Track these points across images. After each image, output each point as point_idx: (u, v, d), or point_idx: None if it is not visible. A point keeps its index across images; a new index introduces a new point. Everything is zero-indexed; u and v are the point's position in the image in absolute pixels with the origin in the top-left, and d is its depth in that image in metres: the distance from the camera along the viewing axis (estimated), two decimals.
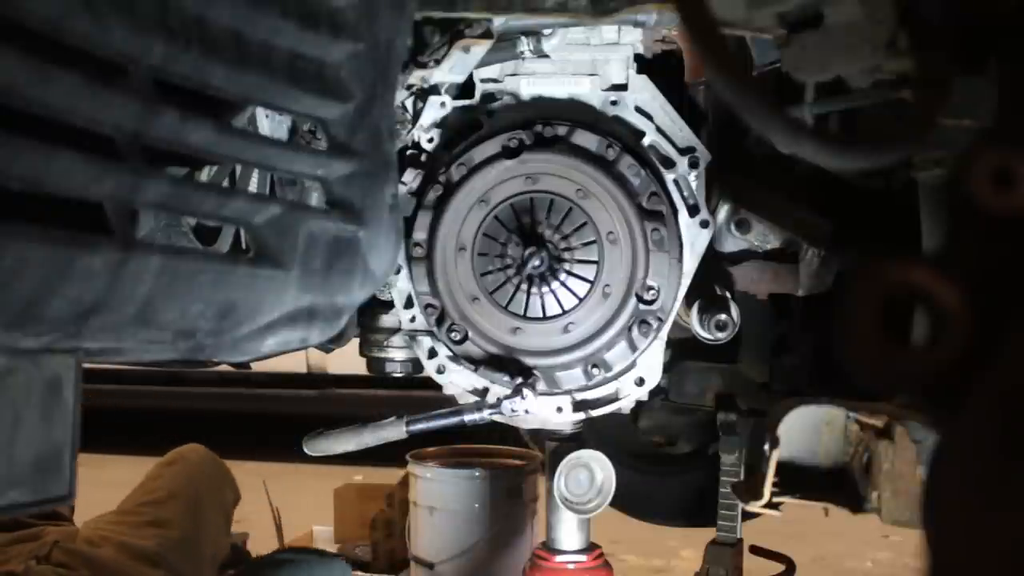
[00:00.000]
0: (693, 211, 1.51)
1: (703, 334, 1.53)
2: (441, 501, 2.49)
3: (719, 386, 1.82)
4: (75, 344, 0.77)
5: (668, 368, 1.75)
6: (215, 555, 2.32)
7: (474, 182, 1.47)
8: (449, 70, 1.49)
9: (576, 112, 1.52)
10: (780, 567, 1.89)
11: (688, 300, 1.54)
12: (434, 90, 1.54)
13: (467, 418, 1.39)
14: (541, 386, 1.48)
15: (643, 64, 1.55)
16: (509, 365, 1.48)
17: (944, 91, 0.79)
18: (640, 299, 1.45)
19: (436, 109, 1.55)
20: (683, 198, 1.51)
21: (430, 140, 1.56)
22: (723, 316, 1.51)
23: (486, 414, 1.38)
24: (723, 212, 1.57)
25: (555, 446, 1.62)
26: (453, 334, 1.49)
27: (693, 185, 1.51)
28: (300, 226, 0.98)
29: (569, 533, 1.71)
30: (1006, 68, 0.67)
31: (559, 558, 1.70)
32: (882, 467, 1.19)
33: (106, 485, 2.48)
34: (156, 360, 0.94)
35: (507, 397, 1.37)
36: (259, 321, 0.97)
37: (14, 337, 0.71)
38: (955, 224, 0.52)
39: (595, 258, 1.45)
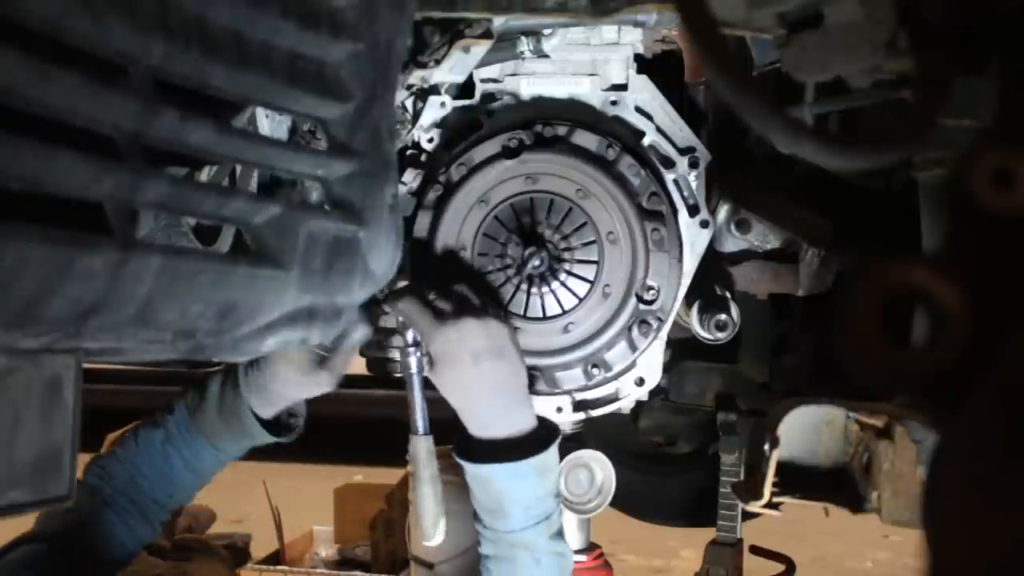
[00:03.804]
0: (693, 211, 1.51)
1: (703, 334, 1.53)
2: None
3: (719, 386, 1.83)
4: (75, 344, 0.77)
5: (668, 368, 1.75)
6: None
7: (474, 182, 1.47)
8: (449, 70, 1.48)
9: (576, 112, 1.52)
10: (780, 567, 1.89)
11: (688, 300, 1.54)
12: (434, 90, 1.54)
13: None
14: (541, 386, 1.48)
15: (643, 64, 1.55)
16: None
17: (944, 91, 0.79)
18: (640, 299, 1.45)
19: (436, 109, 1.55)
20: (683, 198, 1.51)
21: (430, 140, 1.56)
22: (723, 316, 1.51)
23: None
24: (723, 212, 1.57)
25: None
26: None
27: (693, 185, 1.51)
28: (300, 226, 0.98)
29: (569, 533, 1.71)
30: (1007, 68, 0.67)
31: None
32: (882, 467, 1.20)
33: None
34: (156, 360, 0.94)
35: None
36: (259, 321, 0.97)
37: (14, 337, 0.71)
38: (955, 224, 0.52)
39: (595, 258, 1.45)
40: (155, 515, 1.43)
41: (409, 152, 1.55)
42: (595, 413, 1.53)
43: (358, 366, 1.72)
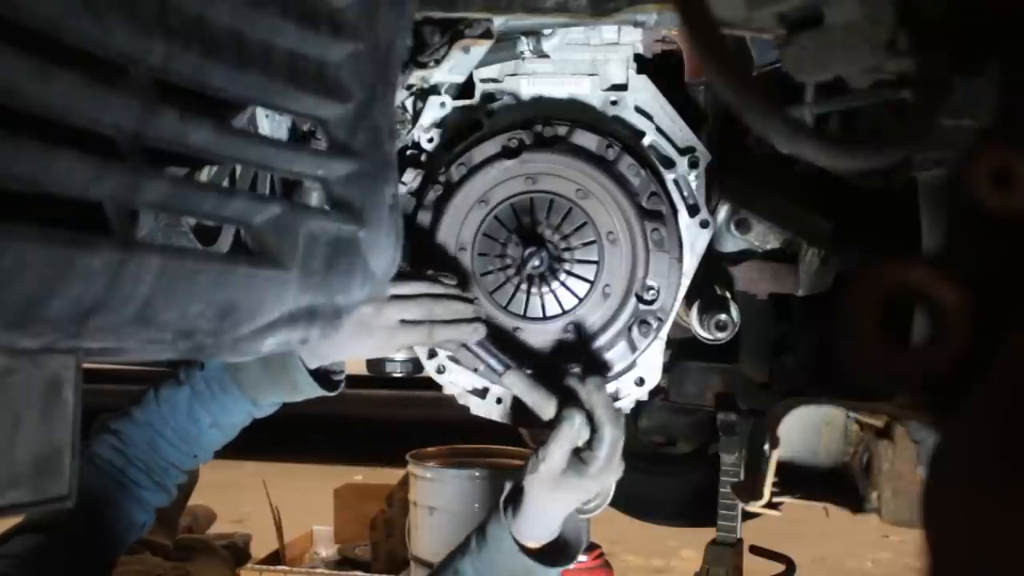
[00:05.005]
0: (693, 211, 1.51)
1: (703, 334, 1.54)
2: (441, 501, 2.49)
3: (719, 386, 1.83)
4: (75, 344, 0.77)
5: (668, 368, 1.75)
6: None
7: (474, 182, 1.47)
8: (449, 70, 1.49)
9: (576, 112, 1.52)
10: (780, 567, 1.89)
11: (688, 300, 1.54)
12: (434, 90, 1.55)
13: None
14: None
15: (643, 64, 1.55)
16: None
17: (944, 91, 0.79)
18: (640, 299, 1.45)
19: (436, 109, 1.55)
20: (683, 198, 1.51)
21: (430, 140, 1.56)
22: (723, 316, 1.51)
23: None
24: (723, 212, 1.57)
25: None
26: None
27: (693, 185, 1.51)
28: (300, 226, 0.98)
29: None
30: (1007, 68, 0.67)
31: None
32: (882, 467, 1.20)
33: None
34: (156, 360, 0.94)
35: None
36: (259, 321, 0.97)
37: (14, 337, 0.71)
38: (955, 224, 0.52)
39: (595, 258, 1.45)
40: (172, 479, 1.35)
41: (409, 152, 1.56)
42: None
43: (358, 366, 1.72)
